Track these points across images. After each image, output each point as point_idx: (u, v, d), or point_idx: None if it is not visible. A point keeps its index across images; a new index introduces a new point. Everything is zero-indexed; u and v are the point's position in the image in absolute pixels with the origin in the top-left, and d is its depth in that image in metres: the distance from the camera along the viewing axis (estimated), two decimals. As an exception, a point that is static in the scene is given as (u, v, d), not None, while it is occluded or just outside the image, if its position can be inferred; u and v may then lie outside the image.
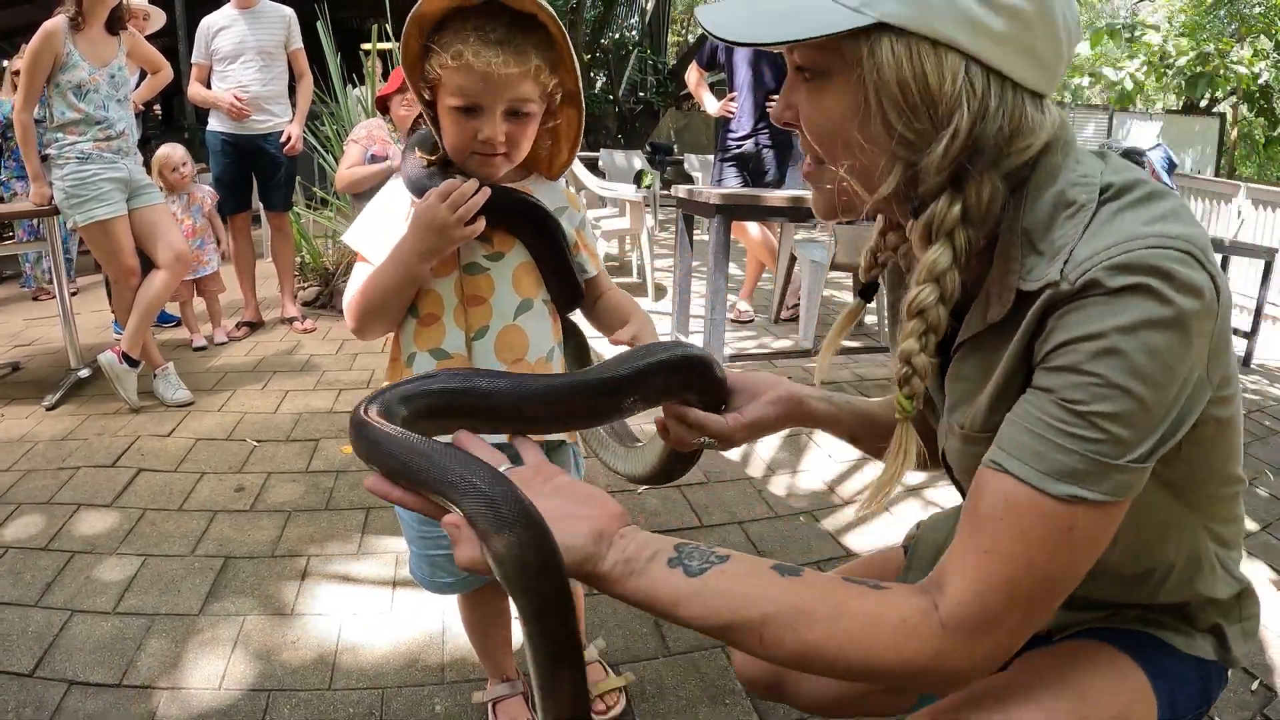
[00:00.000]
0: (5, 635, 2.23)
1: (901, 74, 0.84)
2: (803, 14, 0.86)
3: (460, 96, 1.34)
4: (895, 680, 0.89)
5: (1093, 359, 0.81)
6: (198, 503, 2.98)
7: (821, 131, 0.94)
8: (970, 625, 0.85)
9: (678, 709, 2.04)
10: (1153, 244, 0.80)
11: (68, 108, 3.79)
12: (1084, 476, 0.82)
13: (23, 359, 4.88)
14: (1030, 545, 0.84)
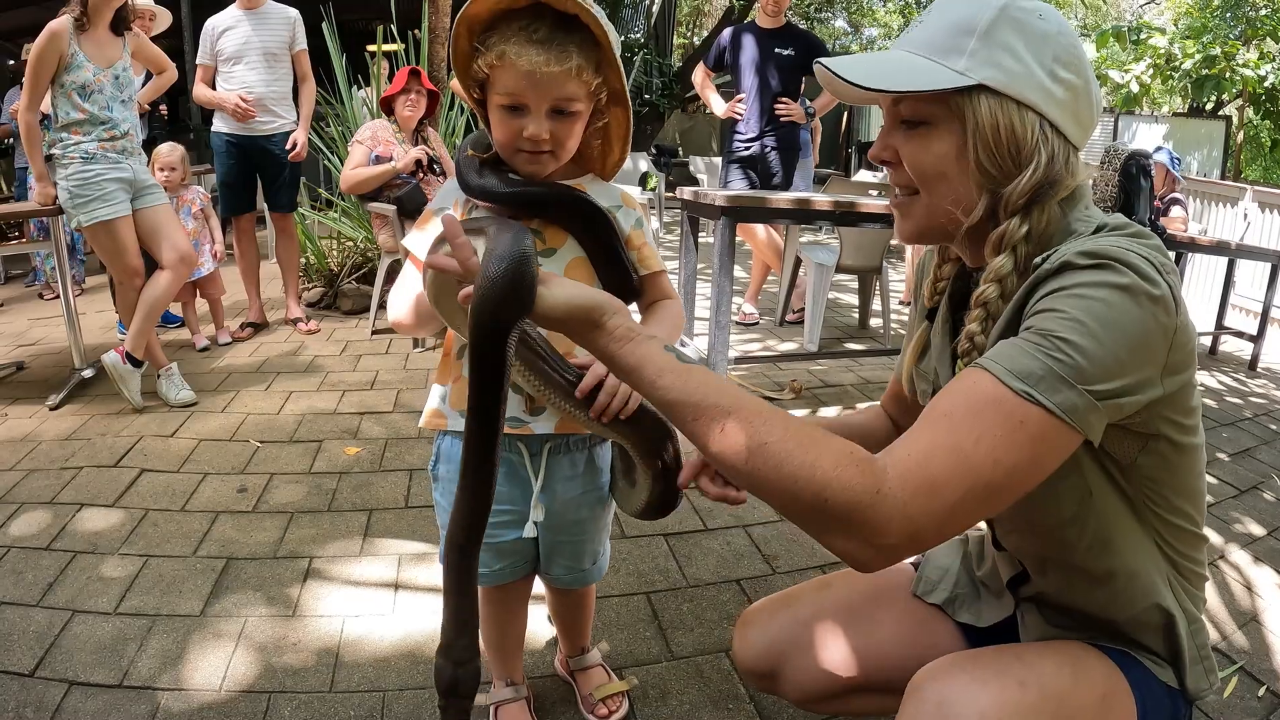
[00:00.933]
0: (6, 635, 2.22)
1: (995, 125, 1.10)
2: (920, 73, 1.12)
3: (506, 95, 1.38)
4: (824, 504, 0.95)
5: (1062, 299, 1.00)
6: (200, 503, 2.97)
7: (925, 168, 1.16)
8: (913, 479, 0.95)
9: (680, 713, 2.02)
10: (1122, 244, 1.03)
11: (72, 108, 3.79)
12: (1040, 382, 0.96)
13: (27, 359, 4.88)
14: (982, 427, 0.96)
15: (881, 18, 30.61)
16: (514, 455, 1.58)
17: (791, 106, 5.52)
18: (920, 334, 1.37)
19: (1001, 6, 1.11)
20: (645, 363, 1.07)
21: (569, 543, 1.70)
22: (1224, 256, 6.69)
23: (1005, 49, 1.09)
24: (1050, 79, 1.10)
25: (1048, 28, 1.11)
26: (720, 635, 2.31)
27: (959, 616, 1.47)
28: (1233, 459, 3.98)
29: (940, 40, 1.13)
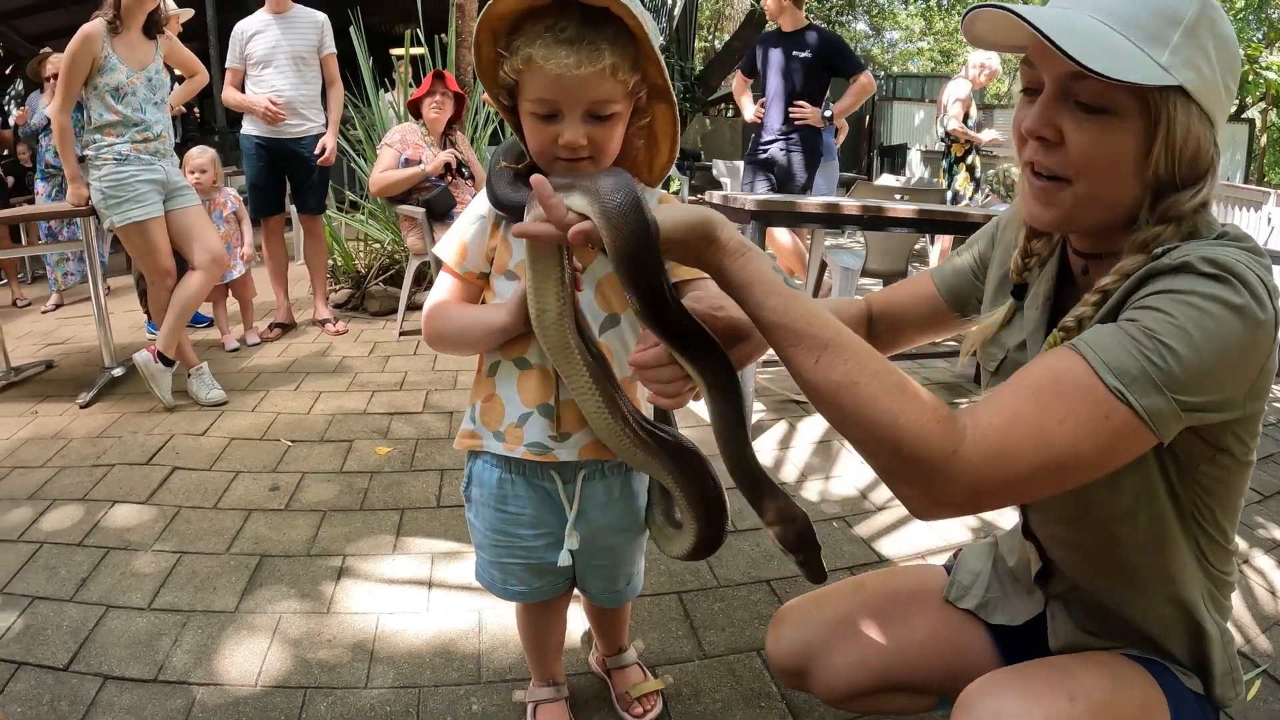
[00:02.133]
0: (40, 630, 2.25)
1: (1187, 133, 1.04)
2: (1124, 58, 1.01)
3: (537, 102, 1.29)
4: (899, 451, 0.98)
5: (1174, 303, 0.98)
6: (232, 501, 3.00)
7: (1096, 160, 1.07)
8: (990, 445, 0.97)
9: (714, 711, 2.02)
10: (1243, 260, 0.99)
11: (105, 110, 3.83)
12: (1134, 382, 0.96)
13: (55, 357, 4.93)
14: (1068, 409, 0.97)
15: (903, 21, 30.55)
16: (546, 483, 1.54)
17: (805, 109, 5.51)
18: (1008, 308, 1.31)
19: (1202, 1, 1.03)
20: (755, 280, 1.06)
21: (604, 565, 1.68)
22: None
23: (1202, 52, 1.03)
24: (1225, 90, 1.07)
25: (1228, 31, 1.06)
26: (751, 635, 2.31)
27: (993, 619, 1.47)
28: (1259, 465, 3.93)
29: (1145, 21, 1.03)
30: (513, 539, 1.58)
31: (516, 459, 1.50)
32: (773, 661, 1.61)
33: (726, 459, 1.25)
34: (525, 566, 1.61)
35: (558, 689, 1.90)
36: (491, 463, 1.55)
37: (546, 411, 1.46)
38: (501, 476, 1.54)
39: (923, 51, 33.18)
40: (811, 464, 3.52)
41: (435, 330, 1.48)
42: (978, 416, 1.00)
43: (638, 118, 1.38)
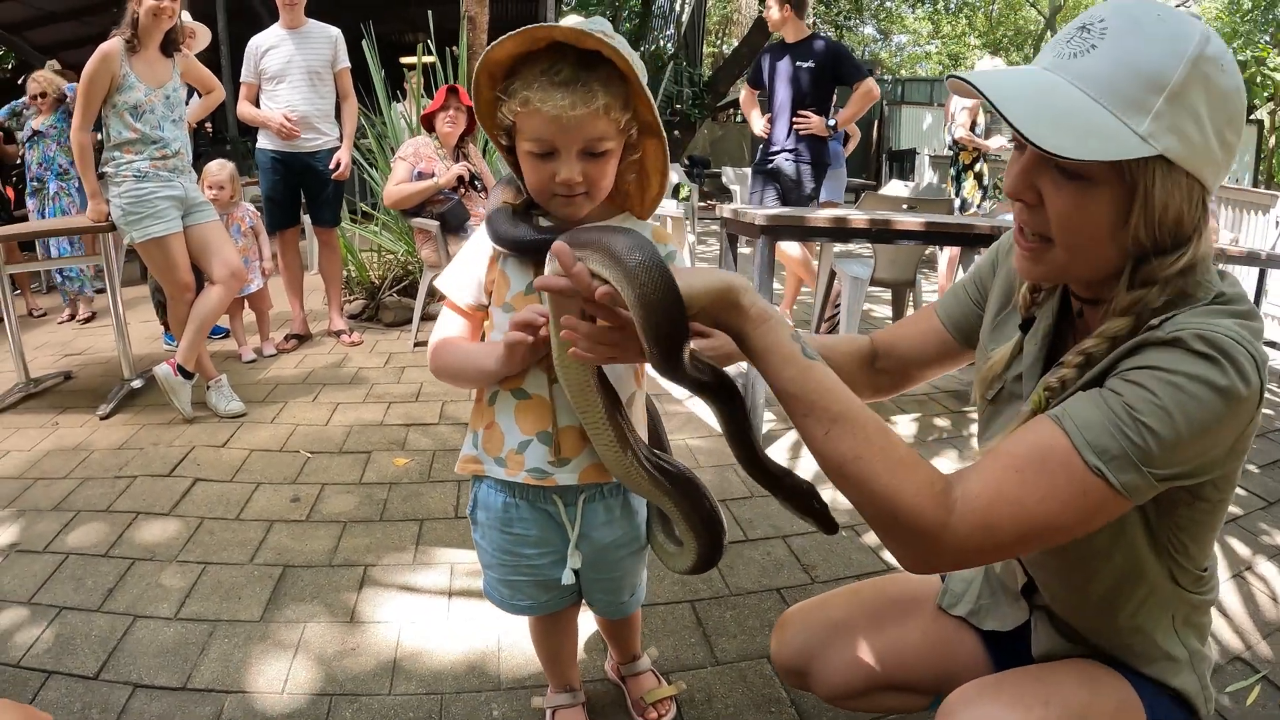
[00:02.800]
0: (69, 639, 2.30)
1: (1166, 201, 1.03)
2: (1098, 131, 1.01)
3: (534, 142, 1.35)
4: (895, 521, 1.06)
5: (1160, 383, 1.00)
6: (254, 512, 3.06)
7: (1074, 227, 1.09)
8: (975, 519, 1.04)
9: (725, 715, 2.08)
10: (1235, 338, 1.00)
11: (124, 127, 3.90)
12: (1113, 461, 1.01)
13: (74, 368, 5.00)
14: (1049, 487, 1.03)
15: (911, 25, 30.59)
16: (548, 506, 1.59)
17: (810, 119, 5.56)
18: (1015, 342, 1.34)
19: (1194, 59, 1.00)
20: (774, 349, 1.13)
21: (607, 580, 1.73)
22: (1254, 266, 6.67)
23: (1191, 115, 1.01)
24: (1220, 145, 1.04)
25: (1228, 84, 1.03)
26: (762, 641, 2.37)
27: (984, 625, 1.53)
28: (1262, 471, 3.97)
29: (1125, 88, 1.02)
30: (519, 558, 1.64)
31: (519, 484, 1.55)
32: (776, 662, 1.69)
33: (743, 463, 1.35)
34: (532, 583, 1.67)
35: (574, 695, 1.96)
36: (495, 487, 1.60)
37: (545, 439, 1.51)
38: (506, 500, 1.60)
39: (931, 55, 33.20)
40: (820, 475, 3.54)
41: (437, 365, 1.56)
42: (967, 487, 1.06)
43: (629, 153, 1.45)
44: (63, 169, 6.48)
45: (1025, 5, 29.19)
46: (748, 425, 1.33)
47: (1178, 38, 1.01)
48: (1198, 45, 1.00)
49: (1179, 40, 1.00)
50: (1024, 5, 29.10)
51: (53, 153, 6.46)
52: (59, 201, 6.49)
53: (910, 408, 4.34)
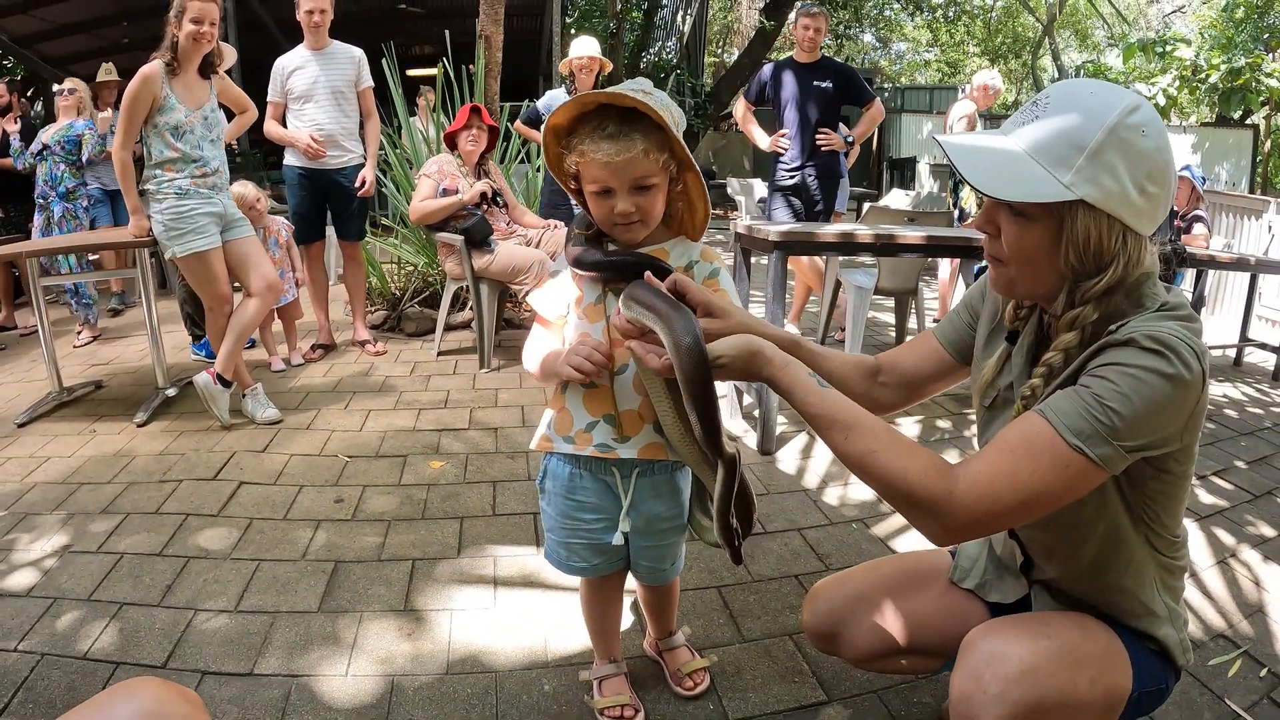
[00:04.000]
0: (133, 632, 2.43)
1: (1087, 235, 1.33)
2: (1032, 181, 1.32)
3: (594, 183, 1.69)
4: (911, 497, 1.35)
5: (1120, 374, 1.28)
6: (301, 513, 3.21)
7: (1018, 251, 1.40)
8: (979, 490, 1.31)
9: (754, 686, 2.27)
10: (1178, 335, 1.27)
11: (165, 147, 4.05)
12: (1088, 440, 1.26)
13: (103, 377, 5.13)
14: (1037, 464, 1.29)
15: (910, 33, 30.72)
16: (608, 477, 1.88)
17: (831, 137, 5.81)
18: (1002, 352, 1.62)
19: (1111, 127, 1.29)
20: (796, 385, 1.47)
21: (652, 548, 1.98)
22: (1247, 272, 6.83)
23: (1108, 169, 1.29)
24: (1139, 194, 1.31)
25: (1146, 146, 1.30)
26: (784, 621, 2.57)
27: (989, 597, 1.79)
28: (1250, 466, 4.16)
29: (1054, 148, 1.32)
30: (577, 522, 1.93)
31: (585, 457, 1.86)
32: (807, 630, 1.94)
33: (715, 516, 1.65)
34: (586, 546, 1.95)
35: (618, 665, 2.18)
36: (564, 460, 1.90)
37: (610, 420, 1.82)
38: (572, 471, 1.90)
39: (930, 63, 33.34)
40: (830, 472, 3.75)
41: (527, 365, 1.91)
42: (970, 467, 1.34)
43: (674, 185, 1.76)
44: (69, 190, 6.58)
45: (1023, 13, 29.38)
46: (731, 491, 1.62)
47: (1102, 109, 1.30)
48: (1119, 115, 1.29)
49: (1102, 111, 1.30)
50: (1022, 13, 29.29)
51: (60, 172, 6.55)
52: (64, 226, 6.56)
53: (914, 410, 4.53)
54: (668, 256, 1.80)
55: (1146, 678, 1.50)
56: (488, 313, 5.22)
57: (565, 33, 11.26)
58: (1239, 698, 2.30)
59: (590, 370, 1.70)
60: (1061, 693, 1.41)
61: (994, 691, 1.40)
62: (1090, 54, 30.80)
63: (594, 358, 1.70)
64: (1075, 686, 1.42)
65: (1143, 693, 1.50)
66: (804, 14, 5.82)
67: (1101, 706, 1.46)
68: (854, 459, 1.40)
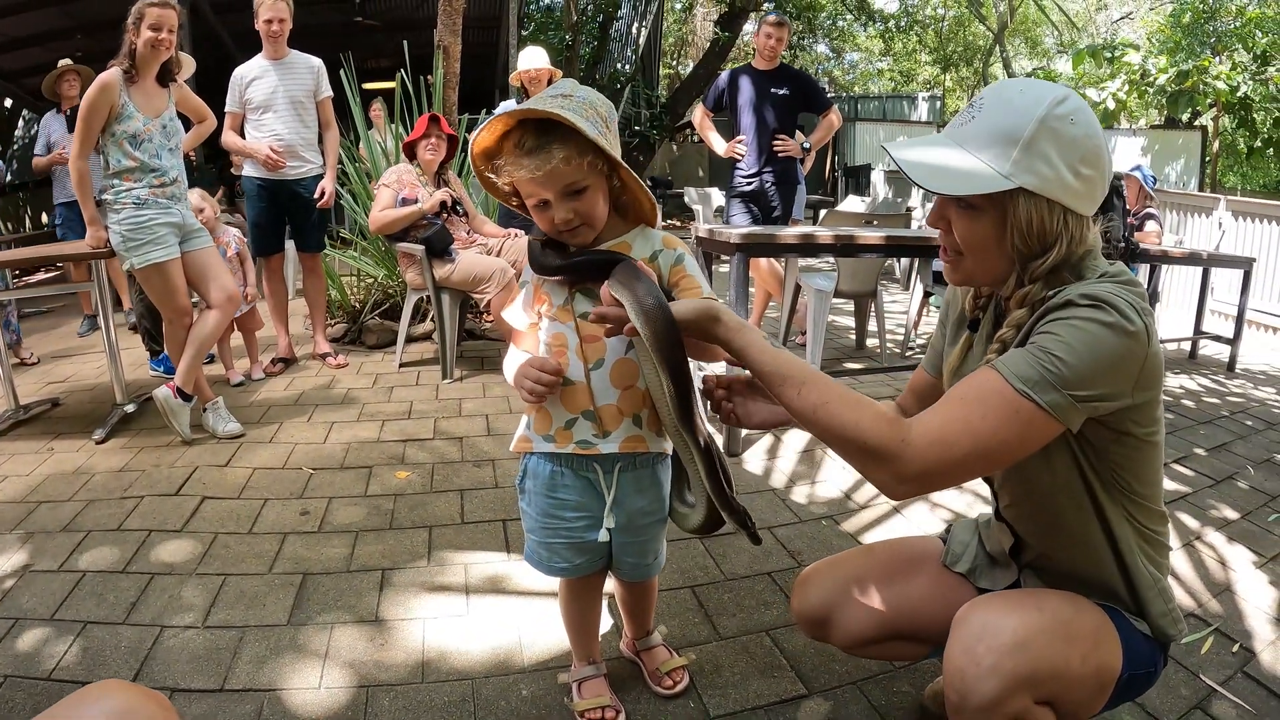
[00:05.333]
0: (98, 651, 2.38)
1: (1029, 219, 1.42)
2: (973, 176, 1.42)
3: (530, 198, 1.72)
4: (864, 445, 1.37)
5: (1060, 326, 1.35)
6: (266, 526, 3.16)
7: (970, 242, 1.49)
8: (931, 435, 1.35)
9: (734, 683, 2.28)
10: (1113, 290, 1.36)
11: (123, 156, 3.99)
12: (1035, 384, 1.32)
13: (60, 395, 5.03)
14: (987, 409, 1.34)
15: (863, 43, 31.03)
16: (590, 474, 1.88)
17: (789, 143, 5.85)
18: (965, 339, 1.70)
19: (1041, 118, 1.39)
20: (750, 345, 1.51)
21: (635, 543, 1.97)
22: (1199, 266, 6.98)
23: (1042, 157, 1.39)
24: (1074, 177, 1.40)
25: (1076, 133, 1.39)
26: (759, 618, 2.58)
27: (979, 583, 1.82)
28: (1210, 453, 4.32)
29: (991, 144, 1.42)
30: (559, 521, 1.92)
31: (566, 455, 1.86)
32: (798, 615, 1.96)
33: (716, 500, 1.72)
34: (568, 545, 1.94)
35: (597, 666, 2.17)
36: (544, 459, 1.90)
37: (589, 416, 1.82)
38: (553, 470, 1.90)
39: (883, 72, 33.69)
40: (798, 471, 3.78)
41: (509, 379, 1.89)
42: (922, 418, 1.39)
43: (611, 182, 1.76)
44: None
45: (974, 21, 29.75)
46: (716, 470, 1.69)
47: (1032, 104, 1.40)
48: (1048, 107, 1.39)
49: (1032, 106, 1.40)
50: (973, 22, 29.65)
51: None
52: None
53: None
54: (630, 249, 1.79)
55: (1136, 660, 1.54)
56: (450, 323, 5.18)
57: (521, 45, 11.24)
58: (1214, 673, 2.36)
59: (541, 392, 1.74)
60: (1054, 666, 1.44)
61: (988, 663, 1.42)
62: (1040, 60, 31.26)
63: (541, 379, 1.73)
64: (1068, 661, 1.45)
65: (1133, 674, 1.53)
66: (769, 24, 5.88)
67: (1093, 684, 1.50)
68: (807, 413, 1.43)
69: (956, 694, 1.45)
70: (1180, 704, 2.22)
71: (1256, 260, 7.17)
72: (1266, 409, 5.37)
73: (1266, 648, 2.52)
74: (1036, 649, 1.43)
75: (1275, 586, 2.89)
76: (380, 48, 14.81)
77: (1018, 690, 1.41)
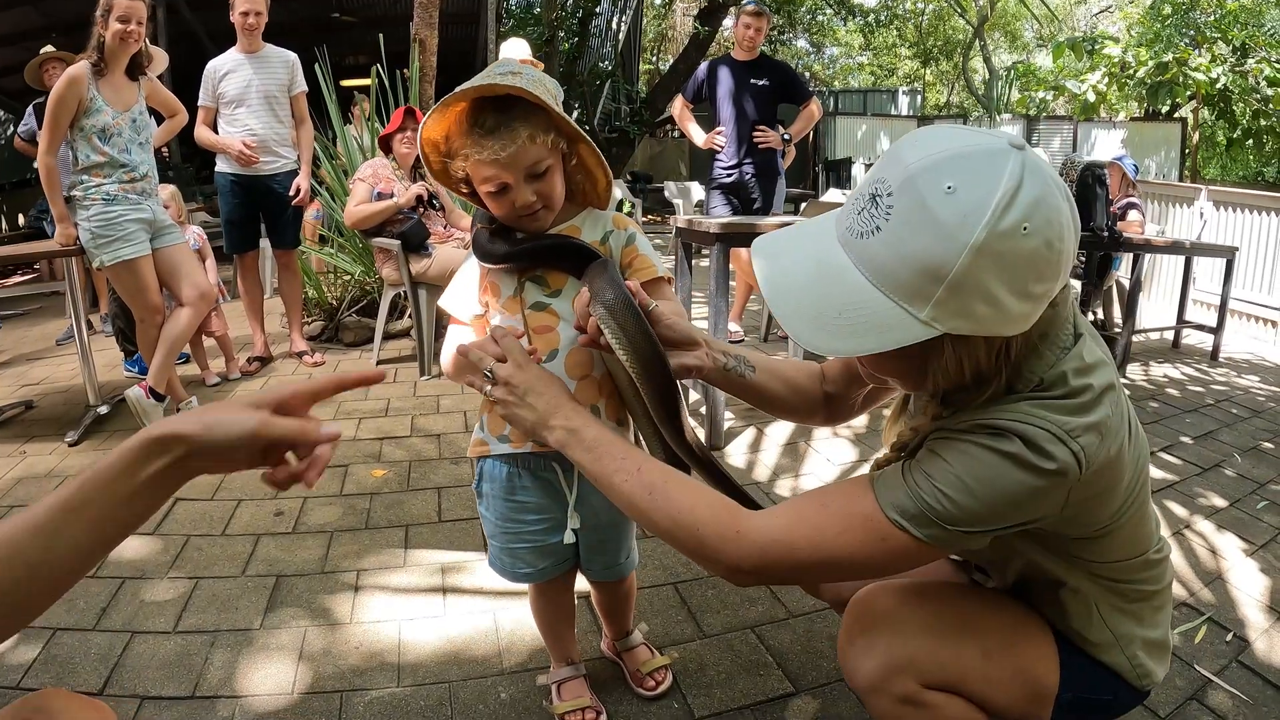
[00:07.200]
0: (68, 659, 2.31)
1: (960, 363, 1.13)
2: (879, 323, 1.08)
3: (487, 182, 1.58)
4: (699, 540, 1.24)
5: (953, 451, 1.14)
6: (240, 527, 3.10)
7: (888, 372, 1.25)
8: (776, 532, 1.20)
9: (718, 681, 2.22)
10: (1019, 418, 1.12)
11: (92, 151, 3.92)
12: (912, 519, 1.14)
13: (34, 397, 4.95)
14: (848, 526, 1.18)
15: (842, 37, 31.05)
16: (548, 474, 1.78)
17: (768, 133, 5.80)
18: (900, 398, 1.50)
19: (979, 247, 1.01)
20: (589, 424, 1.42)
21: (603, 542, 1.89)
22: (1181, 255, 6.99)
23: (978, 295, 1.04)
24: (1023, 300, 1.06)
25: (1028, 246, 1.02)
26: (744, 615, 2.53)
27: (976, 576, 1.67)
28: (1196, 441, 4.31)
29: (904, 279, 1.05)
30: (520, 525, 1.82)
31: (524, 454, 1.75)
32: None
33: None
34: (531, 550, 1.84)
35: (576, 667, 2.10)
36: (500, 461, 1.79)
37: None
38: (510, 471, 1.78)
39: (863, 66, 33.74)
40: (781, 464, 3.74)
41: (450, 367, 1.75)
42: (772, 511, 1.24)
43: (569, 161, 1.66)
44: None
45: (954, 16, 29.79)
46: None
47: (964, 221, 1.01)
48: (987, 226, 1.00)
49: (964, 225, 1.01)
50: (952, 16, 29.68)
51: None
52: None
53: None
54: (579, 233, 1.71)
55: (1079, 683, 1.38)
56: (427, 319, 5.12)
57: (500, 40, 11.17)
58: (1208, 663, 2.33)
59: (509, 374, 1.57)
60: (937, 654, 1.33)
61: (861, 644, 1.37)
62: (1020, 54, 31.32)
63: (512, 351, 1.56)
64: (958, 652, 1.34)
65: (1082, 697, 1.38)
66: (748, 13, 5.82)
67: (1017, 689, 1.37)
68: (643, 491, 1.30)
69: (845, 673, 1.40)
70: (1176, 695, 2.18)
71: (1239, 249, 7.17)
72: (1251, 397, 5.37)
73: (1260, 636, 2.49)
74: (911, 634, 1.34)
75: (1266, 574, 2.86)
76: (357, 43, 14.72)
77: (896, 673, 1.32)
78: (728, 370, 1.61)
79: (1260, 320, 7.81)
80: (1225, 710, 2.14)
